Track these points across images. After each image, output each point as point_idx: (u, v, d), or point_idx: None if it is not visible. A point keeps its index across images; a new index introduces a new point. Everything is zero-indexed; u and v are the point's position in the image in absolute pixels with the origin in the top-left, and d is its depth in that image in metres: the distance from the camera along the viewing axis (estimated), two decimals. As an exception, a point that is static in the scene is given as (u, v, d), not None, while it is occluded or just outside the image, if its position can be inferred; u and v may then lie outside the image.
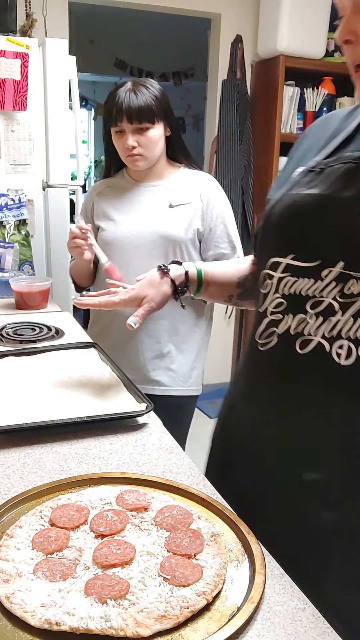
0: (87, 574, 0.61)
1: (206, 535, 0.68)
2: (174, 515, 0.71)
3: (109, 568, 0.62)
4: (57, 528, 0.69)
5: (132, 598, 0.58)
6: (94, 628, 0.54)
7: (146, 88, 1.58)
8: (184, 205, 1.66)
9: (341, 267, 0.73)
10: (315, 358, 0.75)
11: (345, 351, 0.72)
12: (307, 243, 0.79)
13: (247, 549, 0.67)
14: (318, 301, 0.75)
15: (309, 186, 0.81)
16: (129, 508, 0.73)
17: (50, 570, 0.61)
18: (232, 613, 0.57)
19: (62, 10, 3.10)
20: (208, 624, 0.56)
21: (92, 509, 0.73)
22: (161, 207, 1.67)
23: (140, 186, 1.73)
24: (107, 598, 0.57)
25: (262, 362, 0.85)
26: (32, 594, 0.58)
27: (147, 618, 0.55)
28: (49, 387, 1.15)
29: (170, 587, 0.60)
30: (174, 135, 1.68)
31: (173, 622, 0.55)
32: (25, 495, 0.76)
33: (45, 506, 0.73)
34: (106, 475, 0.82)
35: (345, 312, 0.72)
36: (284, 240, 0.83)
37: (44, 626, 0.55)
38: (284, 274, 0.80)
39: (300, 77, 3.39)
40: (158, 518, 0.71)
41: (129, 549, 0.65)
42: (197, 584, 0.60)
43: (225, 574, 0.62)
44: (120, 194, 1.74)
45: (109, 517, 0.70)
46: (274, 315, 0.83)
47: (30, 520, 0.70)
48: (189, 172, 1.72)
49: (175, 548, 0.65)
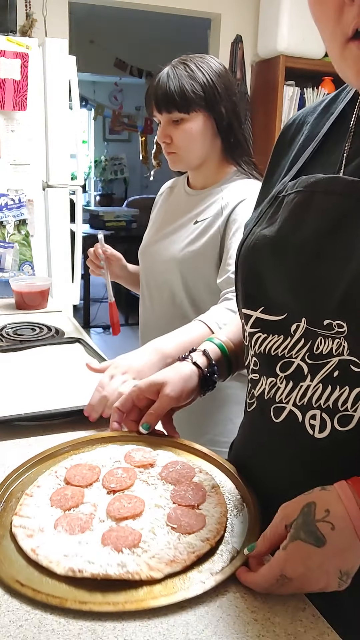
0: (103, 526, 0.67)
1: (207, 487, 0.74)
2: (178, 470, 0.77)
3: (121, 520, 0.68)
4: (72, 486, 0.74)
5: (144, 546, 0.64)
6: (112, 574, 0.60)
7: (187, 68, 1.22)
8: (205, 221, 1.29)
9: (305, 322, 0.65)
10: (290, 428, 0.67)
11: (318, 422, 0.65)
12: (271, 293, 0.70)
13: (244, 498, 0.73)
14: (287, 362, 0.67)
15: (269, 221, 0.72)
16: (136, 465, 0.78)
17: (69, 524, 0.67)
18: (232, 556, 0.64)
19: (62, 10, 3.11)
20: (212, 565, 0.63)
21: (103, 467, 0.78)
22: (187, 222, 1.34)
23: (185, 191, 1.42)
24: (122, 547, 0.63)
25: (248, 424, 0.79)
26: (55, 546, 0.64)
27: (159, 563, 0.62)
28: (44, 380, 1.17)
29: (178, 534, 0.66)
30: (224, 129, 1.27)
31: (182, 565, 0.62)
32: (42, 456, 0.82)
33: (60, 466, 0.79)
34: (114, 435, 0.87)
35: (314, 377, 0.65)
36: (251, 289, 0.73)
37: (68, 574, 0.60)
38: (255, 329, 0.72)
39: (300, 77, 3.39)
40: (163, 473, 0.77)
41: (138, 502, 0.70)
42: (201, 532, 0.66)
43: (226, 521, 0.69)
44: (170, 196, 1.49)
45: (118, 474, 0.76)
46: (253, 375, 0.75)
47: (47, 479, 0.76)
48: (235, 178, 1.32)
49: (180, 500, 0.71)
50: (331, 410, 0.64)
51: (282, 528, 0.60)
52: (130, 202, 6.60)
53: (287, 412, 0.68)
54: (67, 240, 2.68)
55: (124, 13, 3.69)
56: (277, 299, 0.69)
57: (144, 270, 1.45)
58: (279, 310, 0.69)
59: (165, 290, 1.35)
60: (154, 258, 1.39)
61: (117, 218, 5.65)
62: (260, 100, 3.50)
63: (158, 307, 1.39)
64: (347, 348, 0.62)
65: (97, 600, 0.58)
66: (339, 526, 0.56)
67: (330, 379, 0.64)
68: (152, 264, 1.40)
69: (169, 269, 1.33)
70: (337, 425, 0.64)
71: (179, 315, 1.32)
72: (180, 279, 1.30)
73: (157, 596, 0.59)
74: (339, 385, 0.63)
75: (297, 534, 0.57)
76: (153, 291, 1.40)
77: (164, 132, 1.26)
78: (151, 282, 1.41)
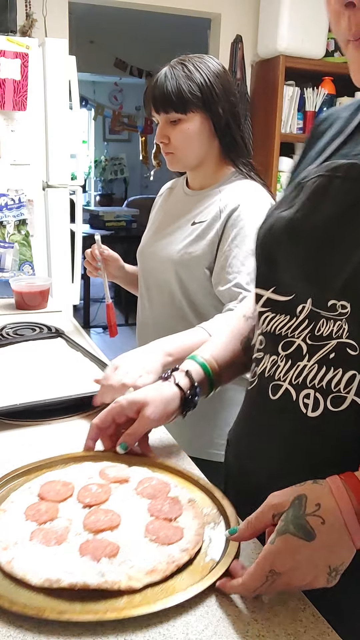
0: (79, 538, 0.66)
1: (184, 501, 0.74)
2: (154, 485, 0.77)
3: (99, 532, 0.67)
4: (46, 501, 0.73)
5: (123, 556, 0.63)
6: (91, 583, 0.59)
7: (185, 68, 1.21)
8: (203, 224, 1.28)
9: (310, 303, 0.68)
10: (284, 406, 0.70)
11: (312, 401, 0.67)
12: (282, 274, 0.73)
13: (222, 511, 0.73)
14: (289, 342, 0.70)
15: (289, 204, 0.74)
16: (111, 480, 0.78)
17: (45, 537, 0.66)
18: (212, 566, 0.64)
19: (62, 10, 3.10)
20: (191, 575, 0.63)
21: (77, 484, 0.78)
22: (185, 223, 1.33)
23: (183, 192, 1.41)
24: (101, 556, 0.62)
25: (247, 403, 0.82)
26: (30, 558, 0.63)
27: (138, 572, 0.61)
28: (30, 373, 1.19)
29: (157, 545, 0.65)
30: (222, 130, 1.26)
31: (161, 575, 0.61)
32: (14, 473, 0.81)
33: (34, 483, 0.78)
34: (89, 454, 0.86)
35: (312, 357, 0.67)
36: (265, 270, 0.77)
37: (44, 585, 0.59)
38: (265, 309, 0.75)
39: (300, 77, 3.39)
40: (139, 488, 0.76)
41: (115, 515, 0.70)
42: (180, 542, 0.66)
43: (204, 533, 0.69)
44: (169, 197, 1.47)
45: (93, 489, 0.76)
46: (257, 353, 0.77)
47: (21, 495, 0.75)
48: (233, 179, 1.31)
49: (157, 513, 0.71)
50: (324, 391, 0.66)
51: (269, 517, 0.60)
52: (130, 202, 6.60)
53: (283, 390, 0.70)
54: (67, 240, 2.68)
55: (124, 13, 3.69)
56: (288, 280, 0.72)
57: (142, 271, 1.44)
58: (289, 290, 0.71)
59: (163, 290, 1.35)
60: (152, 259, 1.39)
61: (117, 218, 5.65)
62: (260, 100, 3.50)
63: (156, 307, 1.39)
64: (346, 330, 0.64)
65: (76, 609, 0.57)
66: (329, 521, 0.56)
67: (326, 360, 0.66)
68: (150, 265, 1.40)
69: (166, 270, 1.32)
70: (330, 405, 0.66)
71: (176, 315, 1.32)
72: (177, 280, 1.30)
73: (137, 605, 0.58)
74: (334, 366, 0.65)
75: (286, 527, 0.56)
76: (151, 292, 1.40)
77: (162, 133, 1.26)
78: (149, 282, 1.41)
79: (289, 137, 3.39)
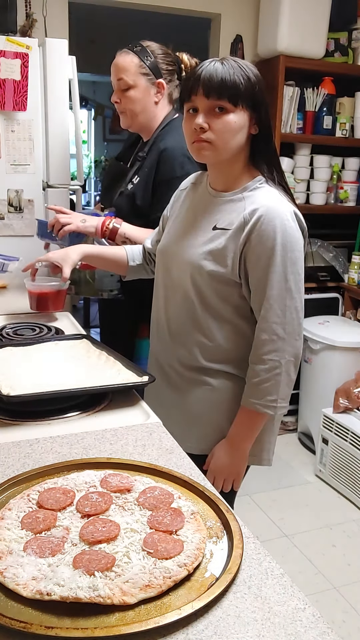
0: (75, 550, 0.65)
1: (186, 513, 0.72)
2: (156, 495, 0.75)
3: (95, 544, 0.66)
4: (44, 509, 0.72)
5: (118, 570, 0.62)
6: (82, 597, 0.58)
7: (238, 65, 1.22)
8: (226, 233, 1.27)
9: None
10: None
11: None
12: None
13: (226, 526, 0.71)
14: None
15: None
16: (112, 490, 0.77)
17: (40, 547, 0.65)
18: (210, 583, 0.62)
19: (62, 10, 3.10)
20: (188, 592, 0.61)
21: (78, 492, 0.76)
22: (206, 225, 1.32)
23: (207, 190, 1.38)
24: (95, 570, 0.61)
25: None
26: (23, 569, 0.62)
27: (133, 587, 0.59)
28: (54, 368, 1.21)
29: (154, 559, 0.64)
30: (262, 136, 1.28)
31: (157, 590, 0.60)
32: (15, 480, 0.80)
33: (33, 490, 0.76)
34: (91, 460, 0.85)
35: None
36: None
37: (35, 597, 0.58)
38: None
39: (300, 77, 3.38)
40: (141, 498, 0.75)
41: (113, 526, 0.69)
42: (179, 557, 0.64)
43: (205, 547, 0.67)
44: (194, 194, 1.43)
45: (94, 498, 0.74)
46: None
47: (19, 503, 0.74)
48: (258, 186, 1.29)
49: (158, 525, 0.69)
50: None
51: None
52: (130, 202, 6.58)
53: None
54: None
55: (124, 13, 3.68)
56: None
57: (161, 269, 1.44)
58: None
59: (178, 291, 1.35)
60: (172, 259, 1.39)
61: (117, 218, 5.63)
62: (260, 100, 3.50)
63: (171, 307, 1.39)
64: None
65: (65, 625, 0.56)
66: None
67: None
68: (170, 264, 1.40)
69: (184, 271, 1.33)
70: None
71: (190, 317, 1.33)
72: (193, 284, 1.31)
73: (129, 622, 0.56)
74: None
75: None
76: (168, 291, 1.40)
77: (204, 119, 1.23)
78: (167, 282, 1.41)
79: (289, 137, 3.38)
